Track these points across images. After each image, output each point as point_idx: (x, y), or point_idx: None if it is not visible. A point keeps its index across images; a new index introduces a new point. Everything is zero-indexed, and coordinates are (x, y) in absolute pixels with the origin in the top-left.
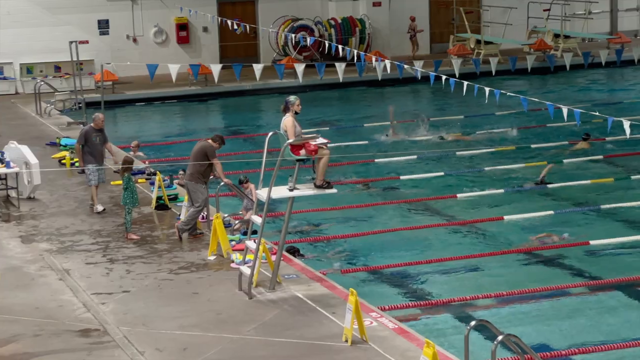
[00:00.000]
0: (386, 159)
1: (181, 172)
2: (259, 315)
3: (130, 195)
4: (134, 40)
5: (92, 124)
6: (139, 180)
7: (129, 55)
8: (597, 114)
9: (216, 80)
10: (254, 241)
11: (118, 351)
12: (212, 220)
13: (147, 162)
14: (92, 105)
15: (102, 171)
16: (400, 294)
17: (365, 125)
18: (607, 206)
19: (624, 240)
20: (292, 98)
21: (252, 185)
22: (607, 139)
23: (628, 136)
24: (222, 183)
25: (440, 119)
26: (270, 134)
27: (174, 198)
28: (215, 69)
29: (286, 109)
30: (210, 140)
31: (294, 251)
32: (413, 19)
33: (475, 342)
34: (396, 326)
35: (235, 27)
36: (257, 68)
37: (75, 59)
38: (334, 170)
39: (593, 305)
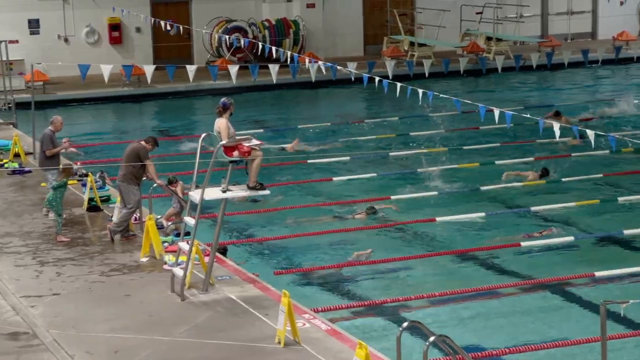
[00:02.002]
0: (319, 160)
1: (99, 173)
2: (191, 317)
3: (56, 197)
4: (66, 40)
5: (51, 127)
6: (70, 182)
7: (60, 56)
8: (528, 116)
9: (149, 81)
10: (187, 243)
11: (47, 354)
12: (144, 221)
13: (79, 163)
14: (22, 105)
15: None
16: (333, 295)
17: (299, 126)
18: (538, 208)
19: (554, 241)
20: (229, 100)
21: (180, 185)
22: (538, 140)
23: (557, 138)
24: (155, 184)
25: (374, 121)
26: (204, 135)
27: (106, 199)
28: (149, 70)
29: (223, 111)
30: (143, 142)
31: (223, 250)
32: (405, 15)
33: (408, 343)
34: (329, 328)
35: (169, 28)
36: (191, 69)
37: (4, 58)
38: (267, 171)
39: (523, 305)
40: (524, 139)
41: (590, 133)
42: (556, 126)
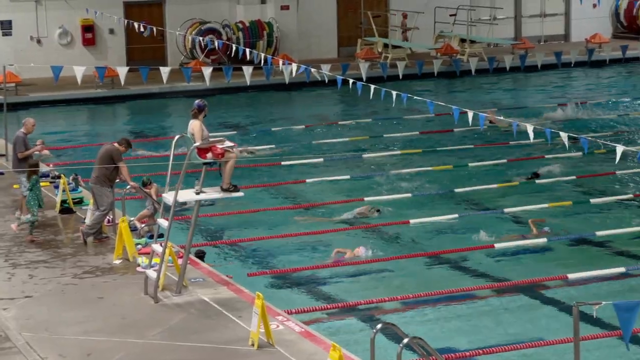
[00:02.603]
0: (292, 162)
1: (73, 175)
2: (164, 319)
3: (34, 197)
4: (38, 41)
5: (22, 130)
6: (43, 184)
7: (32, 57)
8: (501, 118)
9: (122, 83)
10: (161, 245)
11: (20, 357)
12: (118, 224)
13: (51, 165)
14: None
15: None
16: (306, 297)
17: (272, 129)
18: (511, 209)
19: (527, 243)
20: (203, 102)
21: (154, 187)
22: (512, 143)
23: (531, 140)
24: (128, 186)
25: (347, 123)
26: (177, 137)
27: (79, 201)
28: (122, 71)
29: (198, 113)
30: (116, 144)
31: (202, 255)
32: (405, 16)
33: (382, 344)
34: (302, 329)
35: (142, 29)
36: (164, 71)
37: None
38: (240, 173)
39: (497, 306)
40: (497, 141)
41: (564, 135)
42: (530, 128)
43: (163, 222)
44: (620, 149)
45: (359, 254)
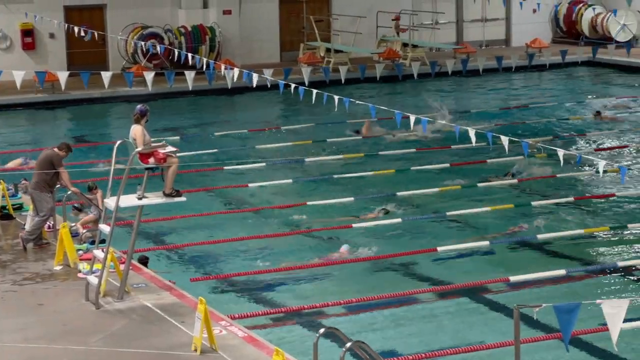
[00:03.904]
0: (235, 166)
1: (24, 180)
2: (106, 325)
3: None
4: None
5: None
6: None
7: None
8: (444, 122)
9: (63, 87)
10: (102, 250)
11: None
12: (58, 229)
13: None
14: None
15: None
16: (250, 302)
17: (215, 133)
18: (454, 213)
19: (470, 246)
20: (145, 107)
21: (100, 192)
22: (453, 147)
23: (474, 144)
24: (69, 192)
25: (290, 127)
26: (119, 142)
27: (19, 207)
28: (62, 76)
29: (141, 118)
30: (56, 149)
31: (145, 260)
32: (398, 18)
33: (325, 349)
34: (246, 334)
35: (83, 34)
36: (106, 76)
37: None
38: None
39: (439, 310)
40: (439, 145)
41: (505, 139)
42: (471, 132)
43: (105, 228)
44: (561, 152)
45: (344, 253)
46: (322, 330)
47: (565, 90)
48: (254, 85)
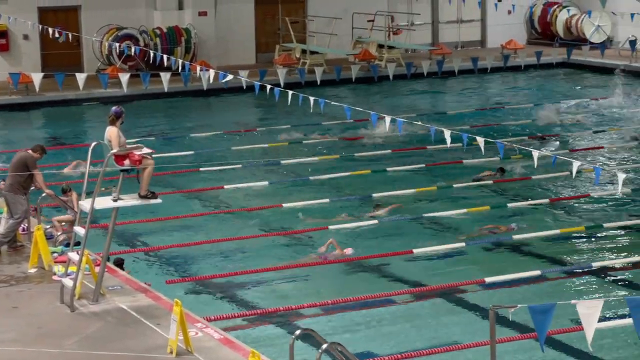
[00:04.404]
0: (211, 168)
1: (2, 182)
2: (81, 328)
3: None
4: None
5: None
6: None
7: None
8: (419, 123)
9: (37, 89)
10: (77, 253)
11: None
12: (33, 232)
13: None
14: None
15: None
16: (226, 304)
17: (191, 135)
18: (430, 214)
19: (445, 248)
20: (121, 108)
21: (75, 195)
22: (429, 147)
23: (448, 145)
24: (43, 194)
25: (266, 129)
26: (94, 144)
27: None
28: (37, 77)
29: (116, 119)
30: (30, 151)
31: (120, 262)
32: (392, 19)
33: (301, 351)
34: (222, 336)
35: (57, 35)
36: (81, 77)
37: None
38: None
39: (415, 311)
40: (415, 146)
41: (480, 140)
42: (447, 133)
43: (80, 230)
44: (536, 154)
45: (348, 253)
46: (298, 332)
47: (540, 91)
48: (231, 87)
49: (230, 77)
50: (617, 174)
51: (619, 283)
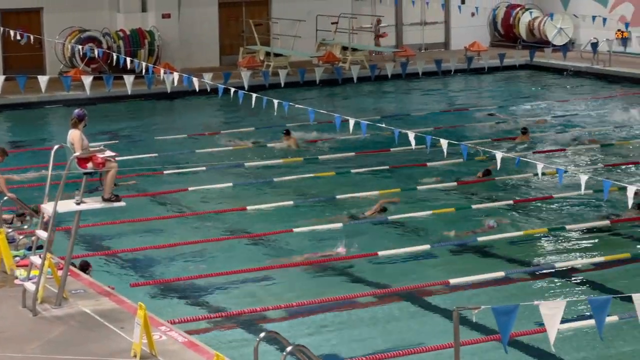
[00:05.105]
0: (175, 170)
1: None
2: (44, 332)
3: None
4: None
5: None
6: None
7: None
8: (383, 125)
9: None
10: (40, 256)
11: None
12: None
13: None
14: None
15: None
16: (190, 306)
17: (155, 137)
18: (394, 217)
19: (410, 250)
20: (83, 111)
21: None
22: (393, 149)
23: (414, 147)
24: (5, 197)
25: (230, 131)
26: (56, 147)
27: None
28: None
29: (78, 122)
30: None
31: (86, 266)
32: (379, 22)
33: (265, 353)
34: (186, 339)
35: (19, 37)
36: (43, 80)
37: None
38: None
39: (380, 313)
40: (379, 148)
41: (444, 142)
42: (411, 135)
43: (41, 233)
44: (499, 155)
45: (340, 252)
46: (262, 334)
47: (504, 93)
48: (195, 90)
49: (194, 80)
50: (579, 176)
51: (582, 284)
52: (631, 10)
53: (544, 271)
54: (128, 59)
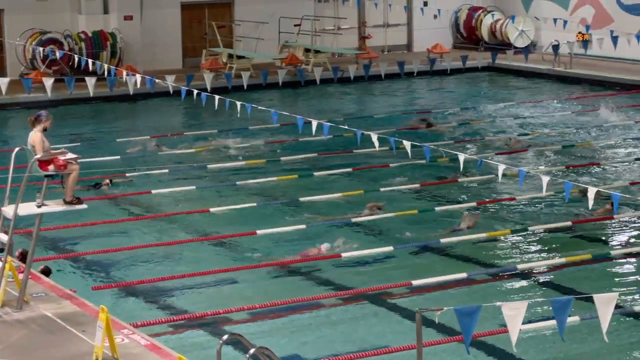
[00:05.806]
0: (138, 172)
1: None
2: (4, 336)
3: None
4: None
5: None
6: None
7: None
8: (346, 127)
9: None
10: (0, 260)
11: None
12: None
13: None
14: None
15: None
16: (152, 309)
17: (117, 140)
18: (357, 219)
19: (373, 252)
20: (44, 112)
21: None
22: (355, 151)
23: (377, 149)
24: None
25: (192, 134)
26: (17, 149)
27: None
28: None
29: (36, 123)
30: None
31: (48, 272)
32: (364, 23)
33: (228, 355)
34: (148, 342)
35: None
36: (3, 82)
37: None
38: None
39: (343, 315)
40: (342, 150)
41: (407, 144)
42: (374, 137)
43: (2, 236)
44: (462, 157)
45: (323, 251)
46: (225, 337)
47: (466, 95)
48: (158, 92)
49: (157, 82)
50: (541, 177)
51: (544, 285)
52: (592, 13)
53: (507, 272)
54: (90, 61)
